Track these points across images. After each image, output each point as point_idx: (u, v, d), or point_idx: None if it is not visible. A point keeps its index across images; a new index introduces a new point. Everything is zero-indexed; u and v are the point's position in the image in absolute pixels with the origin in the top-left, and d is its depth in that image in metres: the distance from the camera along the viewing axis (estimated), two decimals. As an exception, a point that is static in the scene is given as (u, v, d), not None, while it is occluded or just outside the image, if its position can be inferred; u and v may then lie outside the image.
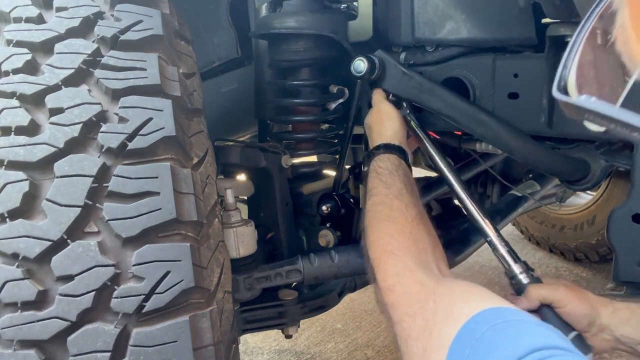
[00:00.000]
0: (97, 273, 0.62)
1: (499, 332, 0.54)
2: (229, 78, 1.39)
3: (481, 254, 1.57)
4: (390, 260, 0.77)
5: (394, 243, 0.79)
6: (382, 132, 1.04)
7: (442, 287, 0.68)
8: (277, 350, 2.14)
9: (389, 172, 0.93)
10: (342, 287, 1.35)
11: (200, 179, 0.76)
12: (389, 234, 0.81)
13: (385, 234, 0.81)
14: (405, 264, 0.75)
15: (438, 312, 0.63)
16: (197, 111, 0.84)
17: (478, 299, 0.62)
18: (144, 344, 0.62)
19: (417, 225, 0.83)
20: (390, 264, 0.76)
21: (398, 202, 0.86)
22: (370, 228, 0.86)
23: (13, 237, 0.61)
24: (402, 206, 0.85)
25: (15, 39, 0.72)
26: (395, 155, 0.98)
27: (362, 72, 1.05)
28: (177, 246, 0.67)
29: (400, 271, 0.74)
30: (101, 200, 0.65)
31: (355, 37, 1.18)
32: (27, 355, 0.59)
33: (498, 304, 0.60)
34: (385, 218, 0.84)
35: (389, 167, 0.95)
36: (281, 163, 1.19)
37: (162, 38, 0.79)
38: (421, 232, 0.82)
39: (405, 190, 0.90)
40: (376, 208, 0.87)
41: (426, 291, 0.68)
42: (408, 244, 0.78)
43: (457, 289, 0.67)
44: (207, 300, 0.69)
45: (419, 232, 0.82)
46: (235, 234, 1.06)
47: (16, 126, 0.66)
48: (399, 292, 0.72)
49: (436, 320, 0.62)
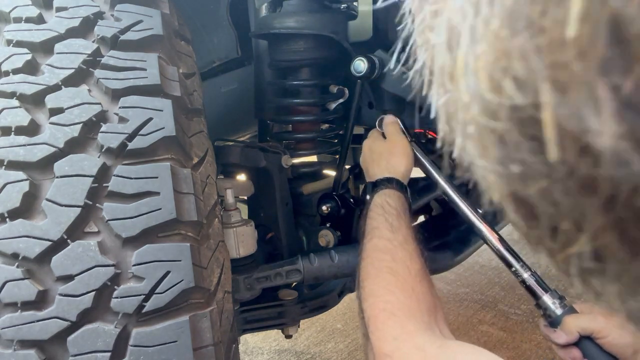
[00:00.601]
0: (97, 273, 0.62)
1: None
2: (229, 78, 1.39)
3: (481, 254, 1.57)
4: (389, 322, 0.70)
5: (394, 301, 0.72)
6: (396, 166, 0.98)
7: (444, 353, 0.64)
8: (277, 350, 2.14)
9: (397, 214, 0.86)
10: (342, 287, 1.35)
11: (200, 179, 0.76)
12: (389, 290, 0.74)
13: (385, 289, 0.75)
14: (405, 327, 0.69)
15: None
16: (197, 111, 0.84)
17: None
18: (144, 344, 0.62)
19: (420, 282, 0.76)
20: (389, 326, 0.70)
21: (402, 253, 0.79)
22: (369, 278, 0.78)
23: (13, 237, 0.61)
24: (407, 258, 0.78)
25: (15, 39, 0.72)
26: (404, 196, 0.93)
27: (362, 72, 1.05)
28: (177, 246, 0.67)
29: (398, 335, 0.68)
30: (101, 200, 0.65)
31: (355, 37, 1.18)
32: (27, 355, 0.59)
33: None
34: (387, 270, 0.77)
35: (399, 208, 0.87)
36: (281, 163, 1.19)
37: (162, 38, 0.79)
38: (424, 290, 0.75)
39: (412, 238, 0.83)
40: (377, 255, 0.81)
41: (427, 358, 0.64)
42: (410, 302, 0.72)
43: (459, 356, 0.63)
44: (207, 300, 0.69)
45: (422, 289, 0.75)
46: (235, 234, 1.06)
47: (16, 126, 0.66)
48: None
49: None
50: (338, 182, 1.28)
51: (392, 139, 1.03)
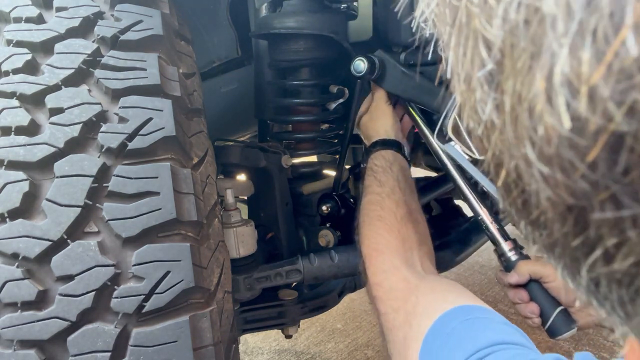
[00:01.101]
0: (97, 273, 0.62)
1: (467, 327, 0.60)
2: (229, 78, 1.39)
3: (481, 254, 1.57)
4: (380, 258, 0.83)
5: (383, 242, 0.85)
6: (376, 128, 1.07)
7: (424, 284, 0.74)
8: (277, 350, 2.14)
9: (382, 170, 0.98)
10: (342, 287, 1.35)
11: (200, 179, 0.76)
12: (378, 233, 0.87)
13: (376, 232, 0.87)
14: (392, 262, 0.81)
15: (418, 306, 0.69)
16: (197, 111, 0.84)
17: (454, 297, 0.68)
18: (144, 344, 0.62)
19: (405, 224, 0.88)
20: (379, 261, 0.83)
21: (389, 201, 0.91)
22: (363, 225, 0.91)
23: (13, 237, 0.61)
24: (393, 205, 0.90)
25: (15, 39, 0.72)
26: (391, 150, 1.01)
27: (362, 72, 1.05)
28: (177, 246, 0.67)
29: (387, 269, 0.80)
30: (101, 200, 0.65)
31: (355, 37, 1.18)
32: (27, 355, 0.59)
33: (472, 302, 0.66)
34: (377, 217, 0.89)
35: (383, 165, 0.98)
36: (281, 163, 1.19)
37: (162, 38, 0.79)
38: (409, 231, 0.87)
39: (398, 188, 0.94)
40: (369, 207, 0.93)
41: (409, 287, 0.74)
42: (396, 243, 0.84)
43: (437, 286, 0.73)
44: (207, 300, 0.70)
45: (407, 231, 0.87)
46: (235, 234, 1.06)
47: (16, 126, 0.66)
48: (386, 288, 0.78)
49: (416, 313, 0.69)
50: (338, 182, 1.28)
51: (372, 106, 1.11)
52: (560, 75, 0.18)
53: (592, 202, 0.19)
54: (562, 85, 0.18)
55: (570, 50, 0.18)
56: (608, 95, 0.17)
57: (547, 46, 0.19)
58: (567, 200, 0.20)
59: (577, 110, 0.18)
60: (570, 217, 0.20)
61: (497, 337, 0.56)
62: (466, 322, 0.61)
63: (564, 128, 0.19)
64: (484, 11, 0.21)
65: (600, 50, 0.17)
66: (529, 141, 0.20)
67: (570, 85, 0.18)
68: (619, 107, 0.17)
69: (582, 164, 0.19)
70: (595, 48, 0.17)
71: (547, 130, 0.19)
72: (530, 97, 0.20)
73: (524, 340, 0.58)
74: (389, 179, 0.96)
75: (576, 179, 0.19)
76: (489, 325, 0.60)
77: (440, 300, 0.67)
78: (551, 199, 0.21)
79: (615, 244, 0.19)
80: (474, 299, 0.68)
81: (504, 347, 0.55)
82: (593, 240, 0.20)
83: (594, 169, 0.18)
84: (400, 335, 0.69)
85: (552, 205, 0.21)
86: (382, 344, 0.74)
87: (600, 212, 0.19)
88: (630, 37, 0.16)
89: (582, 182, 0.19)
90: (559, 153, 0.19)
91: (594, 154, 0.18)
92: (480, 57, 0.22)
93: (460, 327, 0.60)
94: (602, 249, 0.20)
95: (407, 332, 0.68)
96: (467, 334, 0.59)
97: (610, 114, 0.17)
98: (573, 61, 0.18)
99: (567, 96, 0.18)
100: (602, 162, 0.18)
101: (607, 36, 0.17)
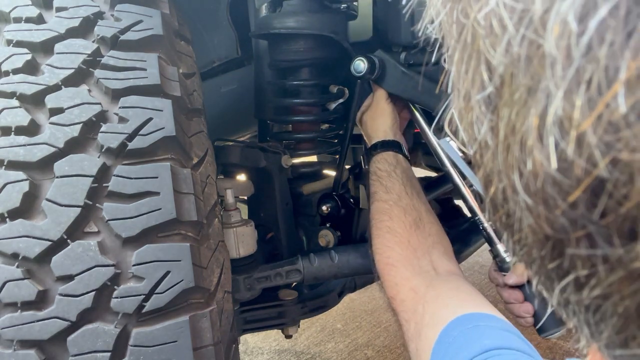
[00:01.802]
0: (97, 273, 0.62)
1: (467, 335, 0.62)
2: (229, 78, 1.39)
3: (481, 254, 1.57)
4: (392, 272, 0.85)
5: (394, 255, 0.86)
6: (376, 127, 1.07)
7: (431, 292, 0.75)
8: (277, 350, 2.14)
9: (387, 175, 0.97)
10: (342, 287, 1.35)
11: (200, 179, 0.76)
12: (389, 247, 0.88)
13: (386, 246, 0.88)
14: (403, 274, 0.82)
15: (425, 316, 0.71)
16: (197, 111, 0.84)
17: (457, 304, 0.70)
18: (144, 344, 0.62)
19: (415, 231, 0.88)
20: (392, 275, 0.84)
21: (397, 210, 0.91)
22: (374, 238, 0.92)
23: (13, 237, 0.61)
24: (401, 213, 0.90)
25: (15, 39, 0.72)
26: (392, 152, 1.01)
27: (362, 72, 1.05)
28: (177, 246, 0.67)
29: (398, 281, 0.82)
30: (101, 200, 0.65)
31: (355, 37, 1.18)
32: (27, 355, 0.59)
33: (474, 309, 0.67)
34: (386, 229, 0.90)
35: (387, 169, 0.98)
36: (281, 163, 1.19)
37: (162, 38, 0.79)
38: (420, 238, 0.88)
39: (405, 193, 0.93)
40: (378, 217, 0.93)
41: (417, 298, 0.76)
42: (406, 253, 0.85)
43: (442, 293, 0.74)
44: (207, 300, 0.70)
45: (417, 238, 0.87)
46: (235, 234, 1.06)
47: (16, 126, 0.66)
48: (399, 301, 0.80)
49: (423, 323, 0.70)
50: (338, 182, 1.28)
51: (372, 105, 1.10)
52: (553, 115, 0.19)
53: (569, 237, 0.20)
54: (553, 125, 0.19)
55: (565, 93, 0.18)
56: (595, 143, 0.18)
57: (544, 85, 0.19)
58: (546, 231, 0.21)
59: (564, 152, 0.19)
60: (548, 245, 0.22)
61: (492, 343, 0.58)
62: (466, 330, 0.62)
63: (551, 167, 0.19)
64: (489, 36, 0.21)
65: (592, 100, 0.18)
66: (517, 171, 0.21)
67: (562, 127, 0.19)
68: (603, 156, 0.18)
69: (563, 202, 0.20)
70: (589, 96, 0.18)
71: (535, 166, 0.20)
72: (524, 130, 0.20)
73: (524, 345, 0.59)
74: (394, 184, 0.95)
75: (557, 215, 0.20)
76: (485, 332, 0.62)
77: (445, 309, 0.69)
78: (532, 227, 0.22)
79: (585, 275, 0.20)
80: (477, 305, 0.69)
81: (498, 353, 0.56)
82: (566, 267, 0.21)
83: (574, 208, 0.19)
84: (413, 346, 0.71)
85: (532, 232, 0.22)
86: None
87: (575, 247, 0.20)
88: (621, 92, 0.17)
89: (562, 218, 0.20)
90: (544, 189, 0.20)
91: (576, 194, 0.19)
92: (481, 78, 0.23)
93: (461, 337, 0.62)
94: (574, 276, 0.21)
95: (418, 344, 0.69)
96: (466, 342, 0.60)
97: (595, 161, 0.18)
98: (566, 104, 0.18)
99: (557, 137, 0.19)
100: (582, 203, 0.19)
101: (600, 87, 0.18)
